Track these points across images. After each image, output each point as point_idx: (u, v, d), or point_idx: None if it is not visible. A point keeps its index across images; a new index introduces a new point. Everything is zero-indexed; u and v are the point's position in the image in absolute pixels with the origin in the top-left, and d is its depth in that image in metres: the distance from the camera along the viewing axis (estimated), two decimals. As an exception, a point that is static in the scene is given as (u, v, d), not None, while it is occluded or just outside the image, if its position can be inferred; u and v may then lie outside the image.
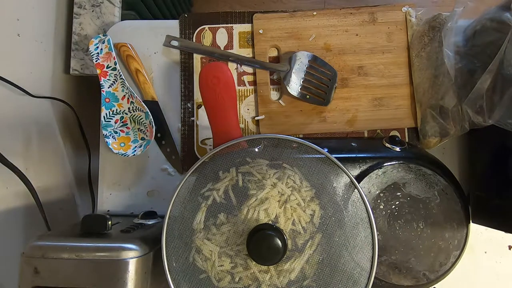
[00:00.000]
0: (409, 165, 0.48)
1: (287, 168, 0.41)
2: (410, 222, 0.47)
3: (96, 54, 0.57)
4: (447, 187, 0.48)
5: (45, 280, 0.38)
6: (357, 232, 0.40)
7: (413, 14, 0.58)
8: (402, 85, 0.57)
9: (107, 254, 0.39)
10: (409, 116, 0.57)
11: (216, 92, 0.43)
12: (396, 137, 0.51)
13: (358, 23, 0.58)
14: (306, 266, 0.39)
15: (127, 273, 0.38)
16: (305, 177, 0.41)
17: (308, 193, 0.40)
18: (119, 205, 0.58)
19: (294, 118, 0.57)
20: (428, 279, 0.47)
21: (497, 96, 0.43)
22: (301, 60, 0.55)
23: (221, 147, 0.42)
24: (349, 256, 0.39)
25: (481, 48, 0.47)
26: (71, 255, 0.38)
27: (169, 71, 0.60)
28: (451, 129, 0.51)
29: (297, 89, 0.55)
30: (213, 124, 0.44)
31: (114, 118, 0.58)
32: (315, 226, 0.39)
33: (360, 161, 0.48)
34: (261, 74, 0.58)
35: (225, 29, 0.59)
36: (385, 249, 0.47)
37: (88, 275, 0.38)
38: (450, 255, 0.47)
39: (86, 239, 0.41)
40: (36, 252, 0.39)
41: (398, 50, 0.58)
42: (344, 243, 0.39)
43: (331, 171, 0.41)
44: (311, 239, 0.39)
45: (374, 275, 0.39)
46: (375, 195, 0.47)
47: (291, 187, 0.40)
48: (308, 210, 0.40)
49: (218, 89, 0.43)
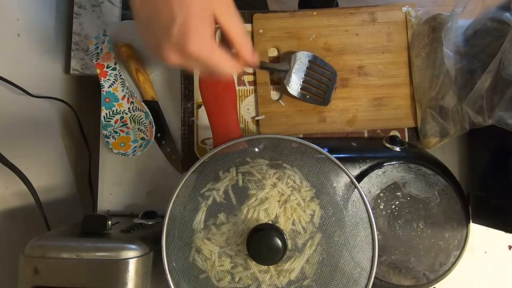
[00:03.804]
0: (409, 165, 0.48)
1: (287, 168, 0.41)
2: (410, 222, 0.47)
3: (96, 54, 0.57)
4: (447, 187, 0.48)
5: (45, 280, 0.38)
6: (357, 232, 0.40)
7: (413, 14, 0.58)
8: (402, 85, 0.57)
9: (107, 254, 0.39)
10: (409, 116, 0.57)
11: (216, 93, 0.43)
12: (396, 137, 0.51)
13: (358, 23, 0.58)
14: (306, 266, 0.39)
15: (127, 273, 0.38)
16: (305, 177, 0.41)
17: (308, 193, 0.40)
18: (119, 205, 0.58)
19: (294, 118, 0.57)
20: (428, 279, 0.47)
21: (497, 96, 0.43)
22: (301, 60, 0.55)
23: (221, 147, 0.42)
24: (349, 256, 0.39)
25: (481, 48, 0.47)
26: (71, 255, 0.38)
27: (169, 71, 0.60)
28: (451, 129, 0.51)
29: (297, 89, 0.55)
30: (213, 124, 0.44)
31: (114, 118, 0.58)
32: (315, 226, 0.39)
33: (360, 161, 0.48)
34: (261, 74, 0.58)
35: (225, 29, 0.59)
36: (385, 249, 0.47)
37: (88, 275, 0.38)
38: (450, 255, 0.47)
39: (86, 239, 0.41)
40: (36, 252, 0.39)
41: (398, 50, 0.58)
42: (344, 243, 0.39)
43: (331, 171, 0.41)
44: (311, 239, 0.39)
45: (374, 275, 0.39)
46: (375, 195, 0.47)
47: (291, 187, 0.41)
48: (308, 210, 0.40)
49: (218, 90, 0.43)
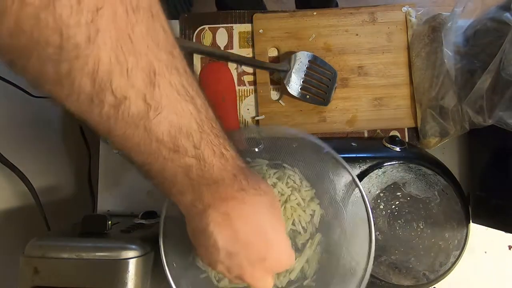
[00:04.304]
0: (409, 165, 0.48)
1: (287, 168, 0.41)
2: (410, 222, 0.47)
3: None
4: (447, 187, 0.48)
5: (45, 280, 0.38)
6: (357, 232, 0.40)
7: (413, 14, 0.58)
8: (402, 85, 0.57)
9: (107, 254, 0.38)
10: (409, 116, 0.57)
11: (217, 93, 0.43)
12: (396, 137, 0.51)
13: (358, 23, 0.58)
14: (306, 266, 0.39)
15: (127, 273, 0.38)
16: (305, 177, 0.41)
17: (308, 193, 0.40)
18: (119, 205, 0.58)
19: (294, 118, 0.57)
20: (428, 279, 0.47)
21: (497, 96, 0.43)
22: (301, 60, 0.55)
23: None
24: (349, 256, 0.39)
25: (481, 48, 0.47)
26: (71, 255, 0.38)
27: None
28: (451, 129, 0.51)
29: (297, 89, 0.55)
30: None
31: (114, 118, 0.58)
32: (315, 226, 0.39)
33: (360, 161, 0.48)
34: (261, 74, 0.58)
35: (225, 29, 0.59)
36: (385, 249, 0.47)
37: (88, 275, 0.38)
38: (450, 255, 0.47)
39: (86, 239, 0.41)
40: (36, 252, 0.39)
41: (398, 50, 0.58)
42: (344, 243, 0.39)
43: (331, 171, 0.41)
44: (311, 239, 0.39)
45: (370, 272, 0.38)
46: (375, 195, 0.47)
47: (291, 187, 0.41)
48: (308, 210, 0.40)
49: (218, 90, 0.43)
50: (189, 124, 0.26)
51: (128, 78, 0.22)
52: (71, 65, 0.20)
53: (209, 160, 0.27)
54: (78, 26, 0.19)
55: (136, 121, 0.23)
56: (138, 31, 0.21)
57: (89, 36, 0.19)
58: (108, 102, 0.22)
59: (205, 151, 0.27)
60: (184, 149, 0.26)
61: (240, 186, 0.30)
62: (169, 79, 0.24)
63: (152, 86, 0.23)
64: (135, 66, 0.22)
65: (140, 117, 0.23)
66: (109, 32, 0.20)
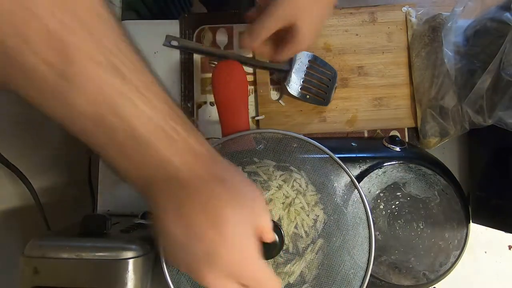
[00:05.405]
0: (409, 165, 0.48)
1: (294, 171, 0.41)
2: (410, 222, 0.47)
3: (96, 54, 0.57)
4: (447, 187, 0.48)
5: (45, 280, 0.38)
6: (357, 235, 0.39)
7: (413, 14, 0.58)
8: (402, 85, 0.57)
9: (107, 254, 0.38)
10: (409, 116, 0.57)
11: (230, 89, 0.43)
12: (396, 137, 0.51)
13: (358, 23, 0.58)
14: (306, 270, 0.39)
15: (127, 273, 0.38)
16: (311, 182, 0.41)
17: (313, 197, 0.40)
18: (119, 205, 0.58)
19: (294, 118, 0.57)
20: (428, 279, 0.47)
21: (497, 96, 0.43)
22: (301, 60, 0.55)
23: (229, 137, 0.41)
24: (349, 260, 0.39)
25: (481, 48, 0.47)
26: (71, 255, 0.38)
27: (169, 71, 0.60)
28: (451, 129, 0.51)
29: (297, 89, 0.55)
30: (223, 119, 0.43)
31: (114, 118, 0.58)
32: (317, 231, 0.39)
33: (360, 161, 0.48)
34: (261, 74, 0.58)
35: (225, 29, 0.59)
36: (385, 249, 0.47)
37: (88, 275, 0.38)
38: (450, 255, 0.47)
39: (86, 239, 0.41)
40: (36, 252, 0.39)
41: (398, 50, 0.57)
42: (346, 250, 0.39)
43: (337, 177, 0.41)
44: (312, 244, 0.39)
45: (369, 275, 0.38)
46: (375, 195, 0.47)
47: (296, 190, 0.40)
48: (312, 214, 0.40)
49: (231, 87, 0.43)
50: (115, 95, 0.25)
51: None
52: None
53: (141, 130, 0.26)
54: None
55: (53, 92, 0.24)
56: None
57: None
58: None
59: (132, 120, 0.26)
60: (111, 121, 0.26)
61: (196, 174, 0.28)
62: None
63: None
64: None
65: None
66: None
